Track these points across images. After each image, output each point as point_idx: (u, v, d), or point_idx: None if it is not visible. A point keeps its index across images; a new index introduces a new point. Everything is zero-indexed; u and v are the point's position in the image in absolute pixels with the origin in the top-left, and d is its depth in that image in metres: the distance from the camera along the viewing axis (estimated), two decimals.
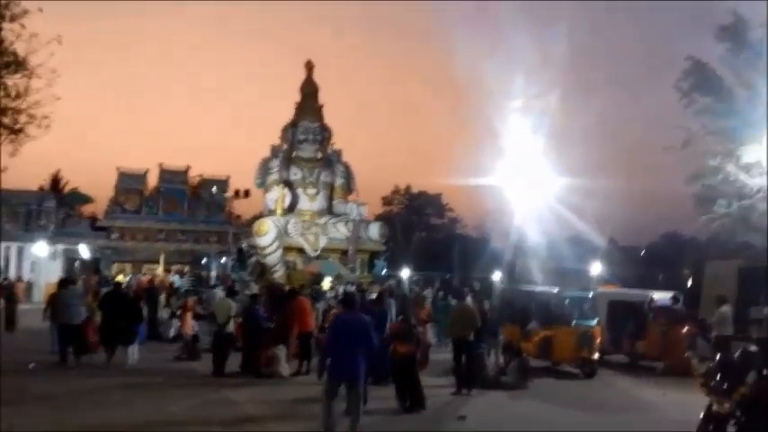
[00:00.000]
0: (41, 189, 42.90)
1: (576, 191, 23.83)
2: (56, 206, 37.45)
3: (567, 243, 29.37)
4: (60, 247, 37.73)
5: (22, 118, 13.39)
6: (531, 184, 23.44)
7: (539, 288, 16.61)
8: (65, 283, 14.77)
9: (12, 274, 35.68)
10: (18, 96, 13.47)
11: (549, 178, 23.46)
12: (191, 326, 16.41)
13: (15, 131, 13.08)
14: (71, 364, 13.03)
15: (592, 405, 10.91)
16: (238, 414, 9.48)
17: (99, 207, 42.54)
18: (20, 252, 37.16)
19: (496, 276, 31.23)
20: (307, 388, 11.44)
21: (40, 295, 35.18)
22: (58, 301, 13.89)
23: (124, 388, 11.05)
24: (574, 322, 13.95)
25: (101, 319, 14.32)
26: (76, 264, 41.99)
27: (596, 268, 25.54)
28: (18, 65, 13.45)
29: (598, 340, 13.86)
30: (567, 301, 14.52)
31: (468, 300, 17.33)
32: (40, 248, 35.54)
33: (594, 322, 14.11)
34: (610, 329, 15.00)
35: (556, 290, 15.29)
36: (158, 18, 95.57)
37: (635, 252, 47.52)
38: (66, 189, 48.29)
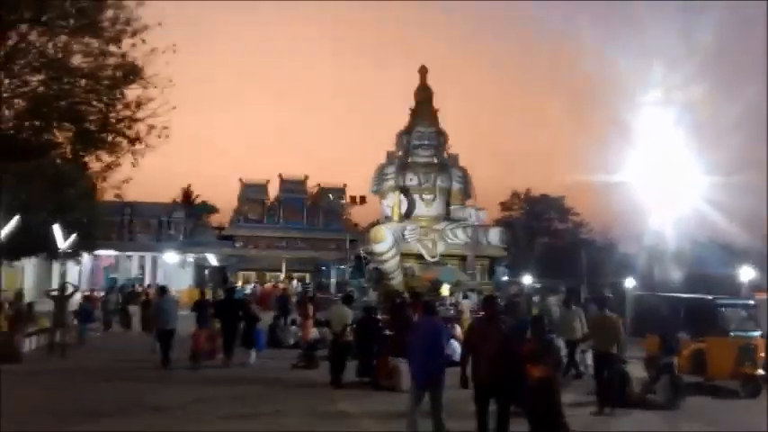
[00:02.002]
0: (174, 202, 45.15)
1: (723, 189, 21.39)
2: (184, 217, 39.12)
3: (712, 246, 26.61)
4: (189, 255, 39.38)
5: (141, 127, 13.47)
6: (670, 183, 21.35)
7: (686, 295, 14.75)
8: (162, 291, 15.70)
9: (146, 281, 37.71)
10: (137, 106, 13.58)
11: (691, 175, 21.22)
12: (310, 333, 16.18)
13: (133, 141, 13.17)
14: (172, 365, 13.45)
15: (758, 429, 9.24)
16: (352, 429, 8.74)
17: (224, 217, 44.14)
18: (153, 261, 39.20)
19: (629, 283, 28.90)
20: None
21: None
22: (155, 308, 14.82)
23: (237, 398, 10.68)
24: (732, 333, 12.12)
25: (220, 325, 14.80)
26: (206, 272, 43.81)
27: (747, 273, 22.77)
28: (135, 74, 13.58)
29: (762, 354, 11.97)
30: (722, 309, 12.65)
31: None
32: (171, 257, 37.25)
33: (758, 333, 12.22)
34: None
35: (709, 297, 13.43)
36: (270, 26, 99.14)
37: None
38: (196, 202, 50.71)
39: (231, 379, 12.57)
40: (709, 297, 13.33)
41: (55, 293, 16.32)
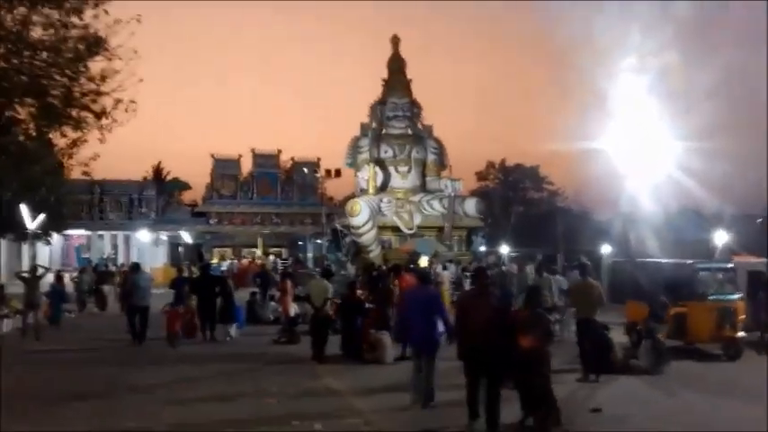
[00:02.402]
0: (145, 179, 44.29)
1: (696, 155, 21.37)
2: (156, 194, 38.43)
3: (686, 212, 26.86)
4: (163, 233, 38.78)
5: (107, 101, 12.97)
6: (644, 149, 21.26)
7: (666, 260, 14.82)
8: (135, 267, 15.96)
9: (120, 260, 37.05)
10: (102, 79, 13.05)
11: (665, 142, 21.17)
12: (290, 308, 16.05)
13: (99, 115, 12.67)
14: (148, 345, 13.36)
15: (744, 392, 9.32)
16: (338, 405, 8.59)
17: (197, 194, 43.48)
18: (126, 240, 38.52)
19: (605, 250, 29.14)
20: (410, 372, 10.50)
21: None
22: (130, 285, 15.13)
23: (218, 377, 10.47)
24: (712, 297, 12.21)
25: (196, 302, 14.80)
26: (180, 249, 43.22)
27: (721, 238, 23.02)
28: (98, 46, 13.02)
29: (741, 317, 12.09)
30: (701, 273, 12.70)
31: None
32: (143, 235, 36.63)
33: (737, 296, 12.32)
34: (751, 304, 13.09)
35: (688, 261, 13.50)
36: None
37: (748, 220, 43.12)
38: (168, 179, 49.82)
39: (211, 357, 12.35)
40: (689, 261, 13.40)
41: (25, 275, 15.90)
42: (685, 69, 23.39)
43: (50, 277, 18.48)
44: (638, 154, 21.56)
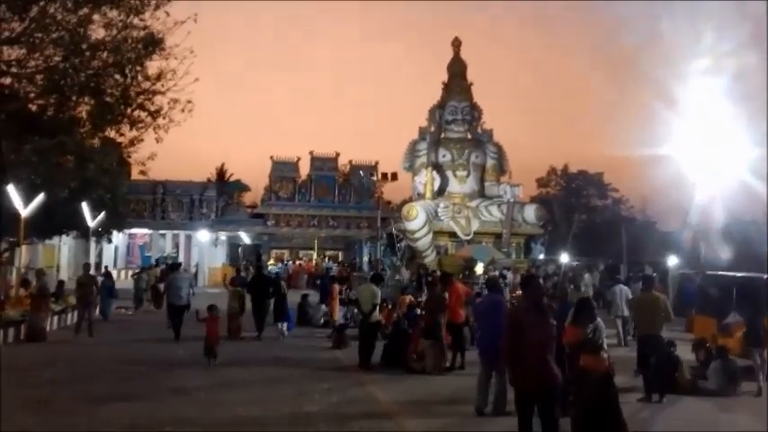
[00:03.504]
0: (209, 181, 45.03)
1: None
2: (216, 195, 38.98)
3: (760, 223, 25.29)
4: (222, 234, 39.31)
5: (162, 101, 13.02)
6: (717, 156, 20.08)
7: (740, 273, 13.80)
8: (174, 267, 16.51)
9: (181, 259, 37.77)
10: (158, 79, 13.11)
11: (740, 149, 19.92)
12: (338, 312, 15.95)
13: (154, 114, 12.72)
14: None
15: None
16: (380, 415, 8.21)
17: (256, 196, 43.92)
18: (187, 239, 39.22)
19: (671, 262, 27.79)
20: (459, 384, 10.05)
21: (205, 280, 36.97)
22: (167, 284, 15.52)
23: (261, 380, 10.23)
24: None
25: (251, 301, 15.40)
26: (240, 249, 43.80)
27: None
28: (156, 46, 13.09)
29: None
30: None
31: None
32: (203, 235, 37.21)
33: None
34: None
35: (764, 276, 12.50)
36: (299, 1, 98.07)
37: None
38: (229, 180, 50.62)
39: (257, 359, 12.16)
40: (765, 276, 12.41)
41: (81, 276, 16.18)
42: (762, 71, 22.07)
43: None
44: (710, 160, 20.43)
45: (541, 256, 32.54)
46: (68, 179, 13.94)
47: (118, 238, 38.60)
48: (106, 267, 21.72)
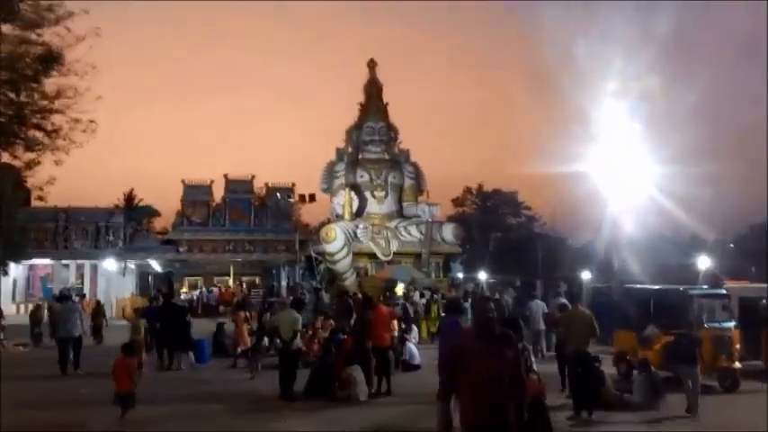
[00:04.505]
0: (116, 207, 42.81)
1: (679, 179, 21.05)
2: (124, 222, 37.11)
3: (667, 237, 26.42)
4: (131, 262, 37.40)
5: (60, 120, 12.07)
6: (626, 173, 20.89)
7: (657, 286, 14.13)
8: (62, 298, 15.63)
9: (86, 290, 35.57)
10: (57, 96, 12.16)
11: (647, 166, 20.82)
12: (247, 340, 15.58)
13: (50, 133, 11.77)
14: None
15: (745, 426, 8.58)
16: None
17: (166, 221, 42.18)
18: (93, 269, 37.04)
19: (585, 276, 28.56)
20: (388, 412, 9.64)
21: (112, 311, 34.91)
22: (56, 316, 14.92)
23: (175, 420, 9.44)
24: (706, 325, 11.51)
25: (160, 329, 14.80)
26: (150, 278, 41.77)
27: (704, 262, 22.51)
28: (55, 62, 12.15)
29: (737, 346, 11.41)
30: (694, 299, 12.00)
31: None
32: (110, 264, 35.23)
33: (732, 324, 11.66)
34: (744, 332, 12.44)
35: (680, 287, 12.82)
36: (209, 19, 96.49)
37: (723, 245, 42.89)
38: (138, 205, 48.48)
39: (169, 395, 11.27)
40: (681, 287, 12.73)
41: None
42: (666, 93, 23.19)
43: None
44: (619, 178, 21.19)
45: (460, 275, 32.78)
46: None
47: (17, 269, 36.04)
48: None
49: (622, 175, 20.85)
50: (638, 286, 15.01)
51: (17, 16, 12.66)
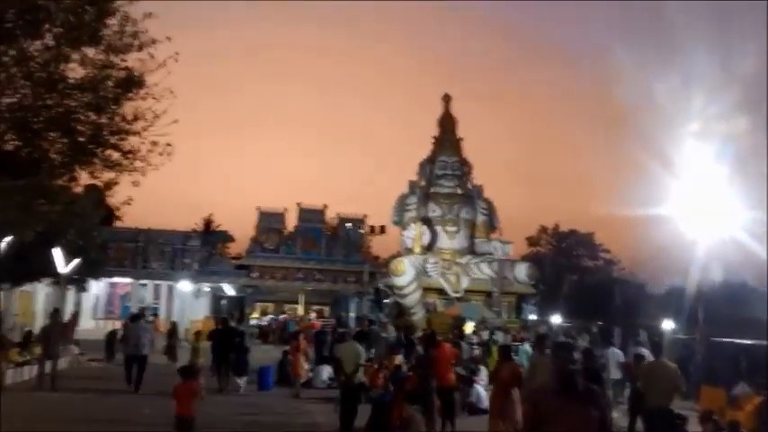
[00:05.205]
0: (194, 231, 44.01)
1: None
2: (200, 245, 38.07)
3: (759, 287, 24.69)
4: (205, 285, 38.24)
5: (136, 142, 12.32)
6: (711, 218, 19.60)
7: (747, 341, 13.08)
8: (134, 317, 16.46)
9: (162, 310, 36.59)
10: (135, 119, 12.45)
11: (734, 211, 19.46)
12: (304, 369, 15.86)
13: (126, 153, 12.03)
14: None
15: None
16: None
17: (240, 247, 43.00)
18: (169, 290, 38.08)
19: (667, 325, 26.99)
20: None
21: (185, 333, 35.64)
22: (127, 333, 15.76)
23: None
24: None
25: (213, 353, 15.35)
26: (223, 302, 42.58)
27: None
28: (136, 86, 12.47)
29: None
30: None
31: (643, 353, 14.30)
32: (185, 286, 36.10)
33: None
34: None
35: None
36: (283, 51, 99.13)
37: None
38: (214, 230, 49.74)
39: (226, 424, 11.13)
40: None
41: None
42: (755, 133, 21.92)
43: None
44: (705, 222, 19.93)
45: (533, 317, 31.73)
46: (34, 222, 13.10)
47: (99, 286, 37.47)
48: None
49: (709, 219, 19.59)
50: (728, 340, 13.93)
51: (101, 41, 13.08)
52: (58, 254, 18.83)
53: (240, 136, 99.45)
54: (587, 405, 3.70)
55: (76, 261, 20.55)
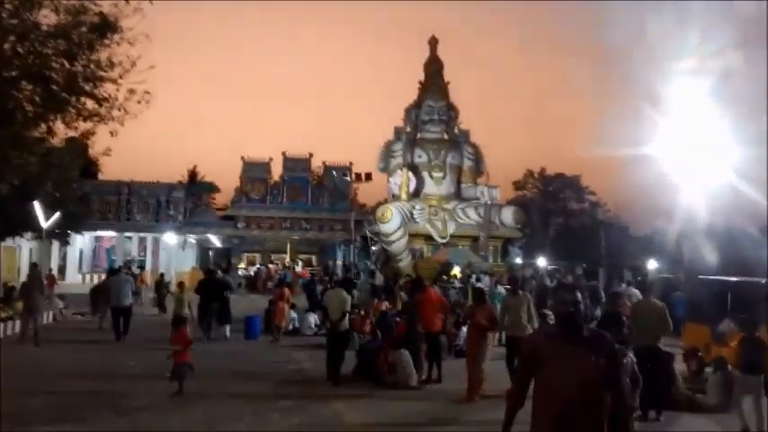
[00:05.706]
0: (180, 183, 43.42)
1: (762, 163, 19.36)
2: (184, 197, 37.64)
3: (747, 226, 24.71)
4: (191, 236, 37.99)
5: (113, 89, 11.90)
6: (702, 156, 19.38)
7: (734, 278, 13.07)
8: (114, 271, 16.91)
9: (149, 263, 36.38)
10: (109, 65, 11.98)
11: (726, 148, 19.21)
12: (286, 318, 15.92)
13: (100, 101, 11.62)
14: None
15: None
16: None
17: (226, 197, 42.62)
18: (155, 242, 37.78)
19: (651, 266, 27.25)
20: (436, 400, 9.14)
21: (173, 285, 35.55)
22: (108, 287, 15.82)
23: (218, 398, 9.14)
24: None
25: (199, 302, 15.27)
26: (210, 253, 42.44)
27: None
28: (111, 31, 11.96)
29: None
30: None
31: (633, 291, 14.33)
32: (171, 238, 35.83)
33: None
34: None
35: (763, 280, 11.79)
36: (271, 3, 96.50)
37: None
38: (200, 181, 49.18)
39: (213, 370, 11.02)
40: (763, 280, 11.69)
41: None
42: (749, 71, 21.51)
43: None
44: (694, 161, 19.73)
45: (519, 260, 31.86)
46: (10, 173, 12.70)
47: (83, 240, 37.11)
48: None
49: (698, 158, 19.36)
50: (715, 277, 13.96)
51: None
52: (38, 207, 18.51)
53: (224, 87, 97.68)
54: (591, 351, 3.31)
55: (57, 215, 20.26)
